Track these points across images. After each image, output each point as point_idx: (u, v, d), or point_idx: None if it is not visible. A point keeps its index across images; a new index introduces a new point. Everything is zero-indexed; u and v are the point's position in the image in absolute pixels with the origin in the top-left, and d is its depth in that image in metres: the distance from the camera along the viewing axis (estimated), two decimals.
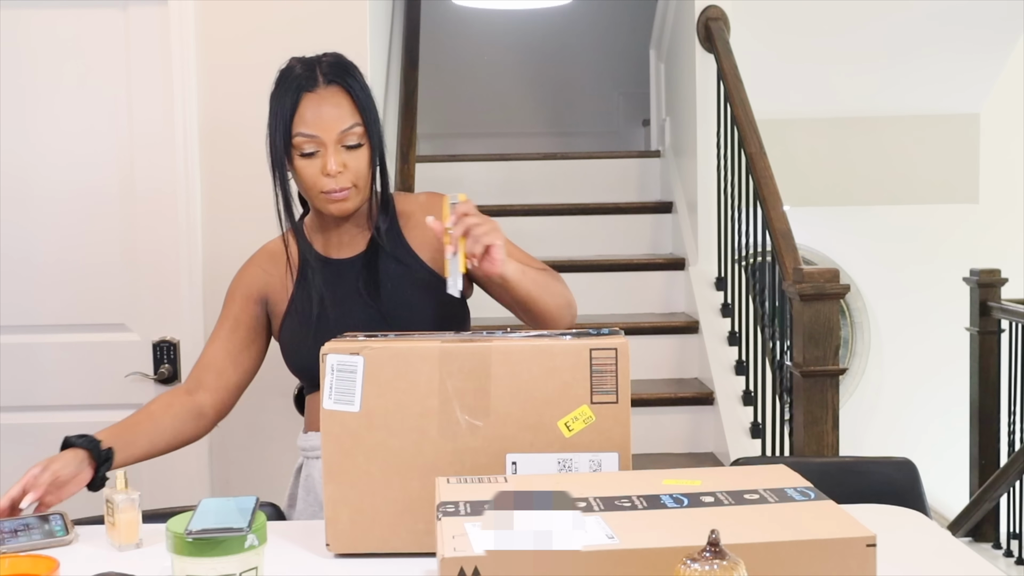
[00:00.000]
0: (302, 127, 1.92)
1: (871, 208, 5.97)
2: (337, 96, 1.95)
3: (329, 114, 1.92)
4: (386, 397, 1.60)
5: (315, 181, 1.94)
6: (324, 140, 1.92)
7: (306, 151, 1.93)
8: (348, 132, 1.93)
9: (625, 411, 1.60)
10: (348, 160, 1.93)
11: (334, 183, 1.92)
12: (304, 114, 1.92)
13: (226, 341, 2.07)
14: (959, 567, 1.56)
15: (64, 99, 3.13)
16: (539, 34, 6.79)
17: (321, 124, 1.91)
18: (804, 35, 5.14)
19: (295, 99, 1.93)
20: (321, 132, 1.91)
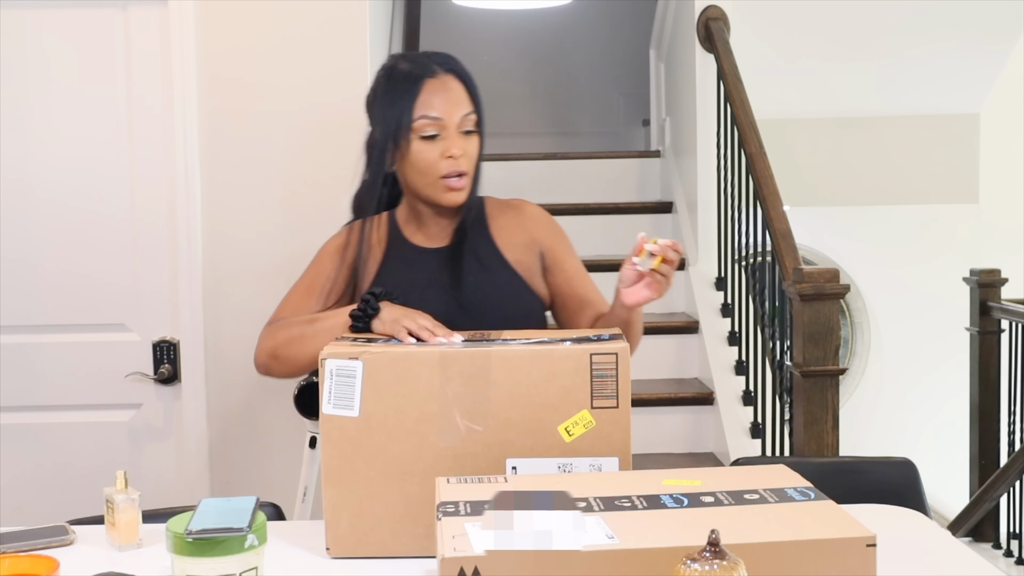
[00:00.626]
0: (426, 110, 1.95)
1: (871, 208, 5.97)
2: (454, 83, 1.99)
3: (451, 98, 1.96)
4: (385, 402, 1.60)
5: (434, 164, 1.95)
6: (447, 123, 1.95)
7: (427, 134, 1.95)
8: (466, 118, 1.98)
9: (626, 416, 1.60)
10: (466, 146, 1.97)
11: (454, 166, 1.95)
12: (427, 98, 1.95)
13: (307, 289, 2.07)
14: (959, 567, 1.56)
15: (64, 99, 3.13)
16: (539, 34, 6.79)
17: (445, 107, 1.95)
18: (804, 35, 5.14)
19: (416, 85, 1.96)
20: (444, 115, 1.95)
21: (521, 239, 2.04)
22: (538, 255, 2.05)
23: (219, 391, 3.20)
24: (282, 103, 3.20)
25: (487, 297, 1.98)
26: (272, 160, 3.21)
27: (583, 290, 2.06)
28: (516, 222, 2.06)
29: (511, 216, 2.07)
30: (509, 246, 2.03)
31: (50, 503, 3.10)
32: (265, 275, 3.20)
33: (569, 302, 2.05)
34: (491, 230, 2.04)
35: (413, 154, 1.96)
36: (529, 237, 2.05)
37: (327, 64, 3.20)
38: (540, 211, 2.11)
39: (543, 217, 2.10)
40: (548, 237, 2.07)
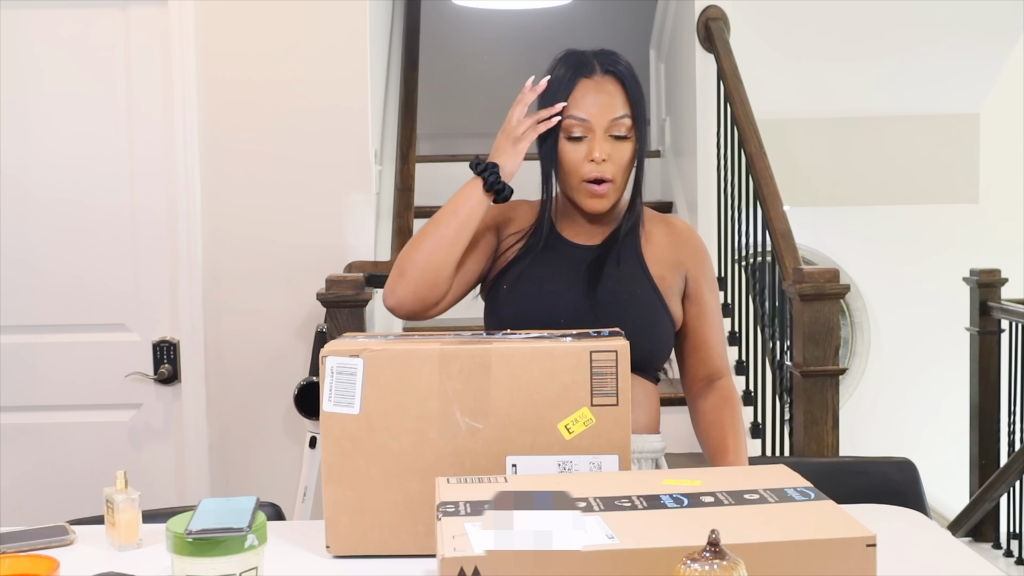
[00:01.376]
0: (574, 110, 1.93)
1: (871, 208, 5.97)
2: (612, 85, 1.96)
3: (602, 101, 1.94)
4: (386, 399, 1.60)
5: (578, 166, 1.94)
6: (593, 126, 1.93)
7: (574, 135, 1.94)
8: (617, 122, 1.94)
9: (625, 413, 1.60)
10: (613, 151, 1.93)
11: (597, 170, 1.92)
12: (578, 98, 1.94)
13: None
14: (959, 567, 1.56)
15: (64, 99, 3.13)
16: (539, 34, 6.79)
17: (593, 109, 1.93)
18: (804, 35, 5.14)
19: (571, 83, 1.95)
20: (592, 117, 1.93)
21: (670, 257, 2.00)
22: (683, 278, 2.01)
23: (219, 391, 3.20)
24: (282, 103, 3.20)
25: (620, 304, 1.93)
26: (272, 160, 3.21)
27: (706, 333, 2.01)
28: (668, 240, 2.03)
29: (664, 232, 2.04)
30: (656, 261, 2.00)
31: (50, 503, 3.10)
32: (265, 275, 3.21)
33: (690, 336, 2.01)
34: (642, 242, 2.01)
35: (560, 154, 1.95)
36: (677, 258, 2.01)
37: (327, 64, 3.20)
38: (696, 236, 2.08)
39: (698, 243, 2.06)
40: (696, 265, 2.02)
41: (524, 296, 1.94)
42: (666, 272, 1.99)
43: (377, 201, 3.56)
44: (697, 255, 2.03)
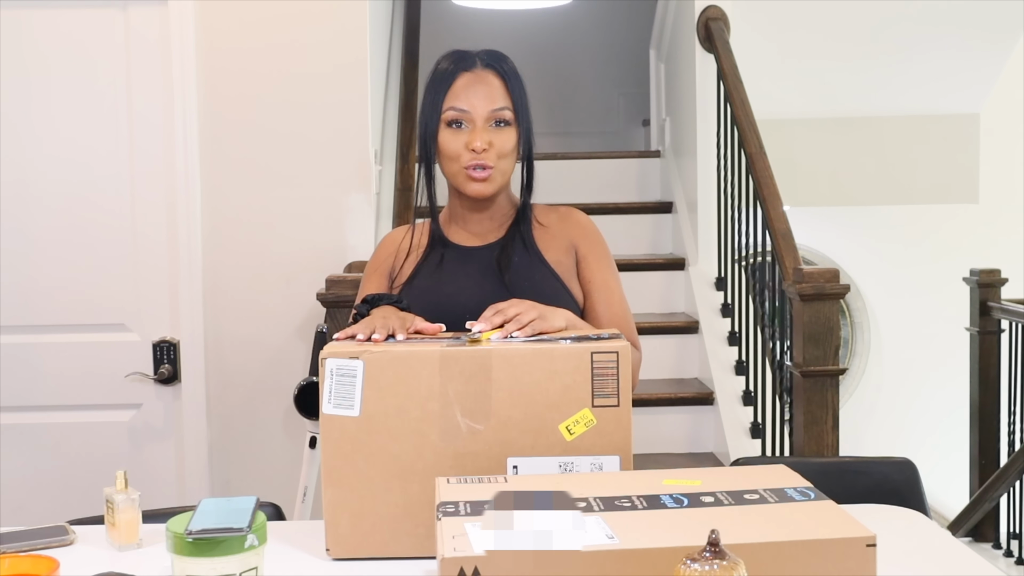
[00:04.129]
0: (454, 101, 1.97)
1: (871, 208, 5.97)
2: (491, 78, 2.00)
3: (481, 92, 1.98)
4: (386, 401, 1.59)
5: (459, 154, 1.97)
6: (473, 116, 1.97)
7: (453, 121, 1.98)
8: (497, 112, 1.98)
9: (626, 414, 1.60)
10: (494, 138, 1.97)
11: (477, 159, 1.96)
12: (457, 90, 1.98)
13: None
14: (959, 567, 1.56)
15: (64, 99, 3.13)
16: (539, 34, 6.79)
17: (472, 100, 1.97)
18: (804, 35, 5.14)
19: (451, 77, 1.99)
20: (471, 107, 1.97)
21: (562, 243, 2.05)
22: (574, 257, 2.05)
23: (219, 391, 3.20)
24: (282, 103, 3.20)
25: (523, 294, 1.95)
26: (272, 160, 3.21)
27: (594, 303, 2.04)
28: (559, 226, 2.07)
29: (555, 220, 2.08)
30: (550, 248, 2.04)
31: (50, 503, 3.10)
32: (265, 275, 3.21)
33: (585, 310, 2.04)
34: (535, 232, 2.06)
35: (440, 145, 1.99)
36: (568, 240, 2.06)
37: (327, 64, 3.20)
38: (585, 218, 2.12)
39: (586, 223, 2.11)
40: (584, 242, 2.07)
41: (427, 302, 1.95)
42: (561, 256, 2.03)
43: (377, 201, 3.56)
44: (584, 231, 2.07)
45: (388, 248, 2.09)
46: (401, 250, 2.07)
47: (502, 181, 2.01)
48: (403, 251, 2.07)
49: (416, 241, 2.08)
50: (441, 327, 1.77)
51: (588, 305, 2.03)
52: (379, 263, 2.09)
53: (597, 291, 2.03)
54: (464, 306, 1.85)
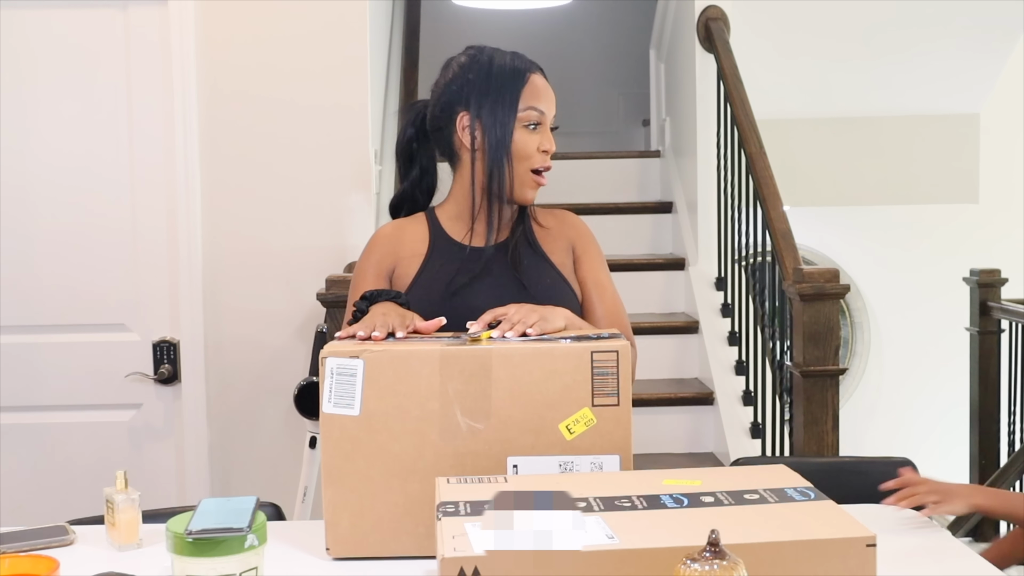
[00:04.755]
0: (532, 101, 1.99)
1: (871, 208, 5.97)
2: (548, 85, 2.05)
3: (550, 96, 2.03)
4: (386, 400, 1.59)
5: (531, 155, 1.99)
6: (546, 118, 2.01)
7: (532, 123, 1.99)
8: (555, 117, 2.05)
9: (626, 413, 1.60)
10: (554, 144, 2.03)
11: (546, 161, 2.00)
12: (533, 90, 2.00)
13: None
14: (959, 567, 1.56)
15: (64, 99, 3.13)
16: (539, 34, 6.79)
17: (547, 102, 2.01)
18: (804, 35, 5.14)
19: (524, 76, 2.00)
20: (547, 110, 2.01)
21: (562, 243, 2.08)
22: (572, 257, 2.08)
23: (219, 391, 3.20)
24: (282, 103, 3.20)
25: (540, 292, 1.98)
26: (272, 160, 3.21)
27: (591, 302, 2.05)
28: (558, 228, 2.09)
29: (553, 222, 2.10)
30: (554, 250, 2.07)
31: (50, 503, 3.10)
32: (265, 275, 3.21)
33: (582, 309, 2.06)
34: (537, 233, 2.08)
35: (515, 143, 1.98)
36: (567, 241, 2.09)
37: (327, 64, 3.20)
38: (579, 220, 2.16)
39: (581, 225, 2.14)
40: (580, 242, 2.10)
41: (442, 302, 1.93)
42: (563, 257, 2.06)
43: (377, 201, 3.56)
44: (580, 232, 2.11)
45: (384, 247, 2.04)
46: (399, 250, 2.03)
47: None
48: (402, 251, 2.03)
49: (415, 238, 2.04)
50: (441, 321, 1.76)
51: (584, 303, 2.05)
52: (375, 262, 2.03)
53: (592, 289, 2.06)
54: (483, 307, 1.83)
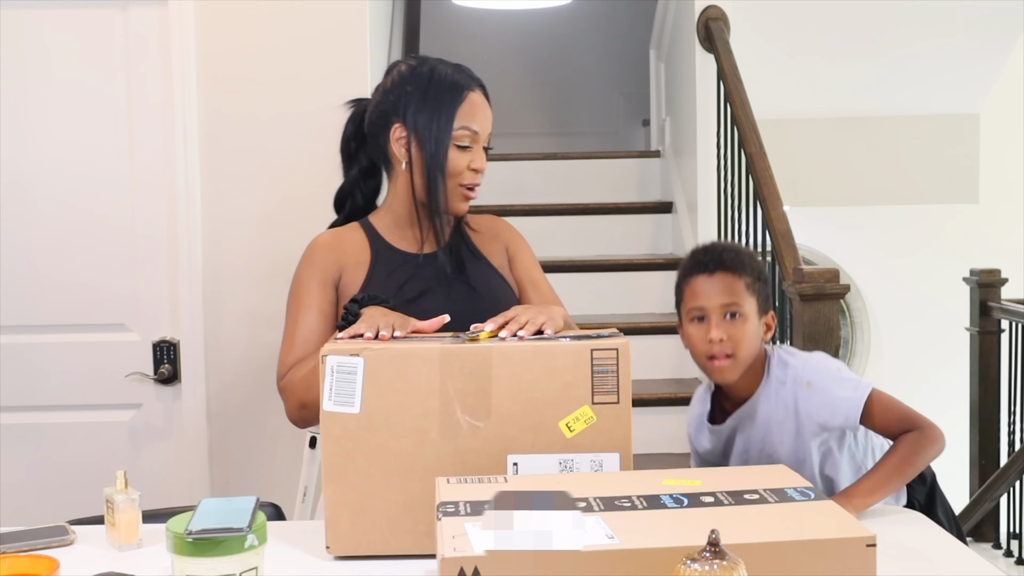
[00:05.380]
0: (467, 121, 2.01)
1: (871, 208, 5.97)
2: (486, 103, 2.06)
3: (486, 116, 2.05)
4: (387, 398, 1.60)
5: (461, 172, 2.02)
6: (479, 138, 2.03)
7: (463, 144, 2.01)
8: (489, 135, 2.06)
9: (626, 411, 1.61)
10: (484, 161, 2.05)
11: (476, 178, 2.03)
12: (469, 110, 2.02)
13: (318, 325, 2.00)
14: (959, 567, 1.56)
15: (64, 99, 3.13)
16: (539, 34, 6.79)
17: (482, 123, 2.03)
18: (804, 35, 5.14)
19: (461, 94, 2.02)
20: (480, 131, 2.03)
21: (497, 246, 2.15)
22: (506, 258, 2.15)
23: (219, 391, 3.20)
24: (282, 103, 3.20)
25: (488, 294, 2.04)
26: (272, 160, 3.21)
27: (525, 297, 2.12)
28: (491, 231, 2.17)
29: (485, 226, 2.18)
30: (491, 252, 2.14)
31: (50, 503, 3.10)
32: (265, 275, 3.21)
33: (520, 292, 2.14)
34: (473, 237, 2.14)
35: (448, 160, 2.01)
36: (501, 243, 2.16)
37: (327, 64, 3.20)
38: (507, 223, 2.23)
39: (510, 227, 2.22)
40: (512, 243, 2.17)
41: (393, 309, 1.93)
42: (501, 260, 2.13)
43: None
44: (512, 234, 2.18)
45: (326, 255, 2.04)
46: (343, 258, 2.04)
47: None
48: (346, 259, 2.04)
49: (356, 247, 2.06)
50: (444, 319, 1.79)
51: (523, 299, 2.11)
52: (319, 271, 2.03)
53: (528, 287, 2.13)
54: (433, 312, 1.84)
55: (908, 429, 1.89)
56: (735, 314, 1.92)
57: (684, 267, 2.00)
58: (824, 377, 1.93)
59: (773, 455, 1.93)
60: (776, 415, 1.92)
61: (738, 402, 1.97)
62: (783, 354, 1.98)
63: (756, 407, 1.94)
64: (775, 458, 1.92)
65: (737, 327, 1.91)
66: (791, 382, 1.93)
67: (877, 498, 1.80)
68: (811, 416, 1.90)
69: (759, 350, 1.96)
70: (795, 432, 1.92)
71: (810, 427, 1.91)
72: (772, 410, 1.93)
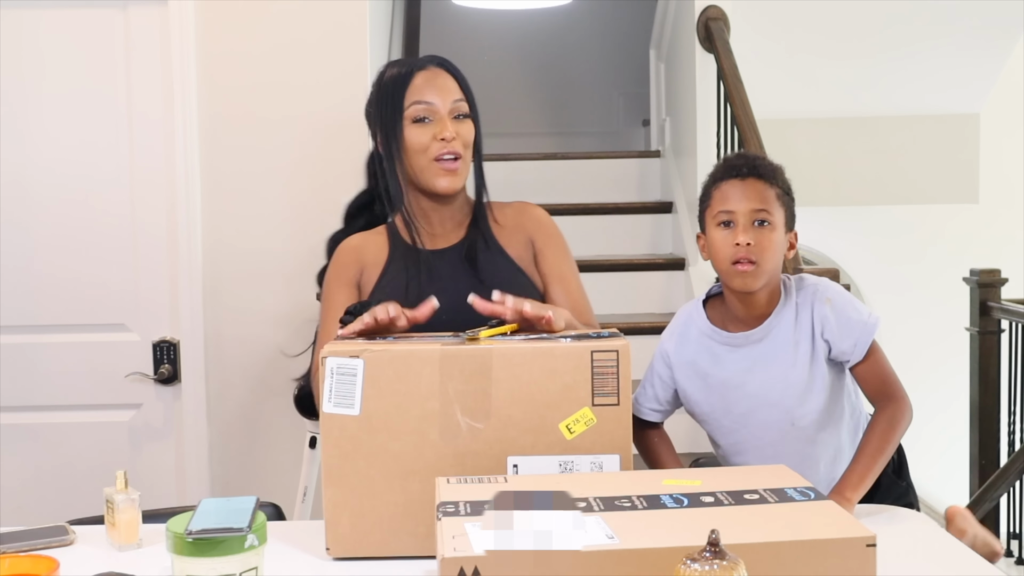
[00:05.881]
0: (416, 96, 2.00)
1: (871, 208, 5.96)
2: (443, 73, 2.04)
3: (440, 85, 2.01)
4: (386, 400, 1.60)
5: (427, 146, 1.99)
6: (438, 107, 2.00)
7: (419, 117, 1.99)
8: (457, 104, 2.02)
9: (626, 413, 1.60)
10: (459, 129, 2.00)
11: (446, 147, 1.98)
12: (418, 85, 2.01)
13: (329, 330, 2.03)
14: (959, 567, 1.56)
15: (64, 99, 3.13)
16: (539, 34, 6.79)
17: (435, 93, 2.00)
18: (804, 35, 5.14)
19: (407, 77, 2.02)
20: (435, 99, 2.00)
21: (520, 237, 2.08)
22: (531, 251, 2.08)
23: (219, 391, 3.20)
24: (282, 103, 3.20)
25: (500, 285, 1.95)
26: (272, 160, 3.21)
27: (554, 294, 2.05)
28: (515, 221, 2.10)
29: (511, 215, 2.11)
30: (510, 244, 2.07)
31: (50, 503, 3.10)
32: (265, 276, 3.21)
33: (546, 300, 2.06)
34: (494, 228, 2.08)
35: (407, 140, 2.00)
36: (525, 234, 2.09)
37: (327, 64, 3.20)
38: (540, 211, 2.14)
39: (542, 216, 2.13)
40: (539, 233, 2.09)
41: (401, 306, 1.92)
42: (521, 251, 2.06)
43: None
44: (540, 224, 2.10)
45: (348, 257, 2.07)
46: (364, 258, 2.06)
47: (466, 174, 2.04)
48: (366, 259, 2.06)
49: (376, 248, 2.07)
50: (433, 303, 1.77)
51: (548, 296, 2.05)
52: (341, 274, 2.07)
53: (556, 283, 2.06)
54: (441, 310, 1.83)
55: (884, 394, 1.87)
56: (764, 222, 1.89)
57: (715, 172, 1.99)
58: (843, 299, 1.91)
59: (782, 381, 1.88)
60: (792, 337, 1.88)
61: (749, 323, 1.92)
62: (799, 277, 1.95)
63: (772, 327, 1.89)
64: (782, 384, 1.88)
65: (764, 235, 1.88)
66: (810, 301, 1.90)
67: (867, 485, 1.79)
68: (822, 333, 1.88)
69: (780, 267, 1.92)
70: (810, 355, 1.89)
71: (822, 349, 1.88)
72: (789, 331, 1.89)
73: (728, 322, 1.95)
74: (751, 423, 1.90)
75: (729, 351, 1.92)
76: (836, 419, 1.92)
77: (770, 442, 1.90)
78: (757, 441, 1.90)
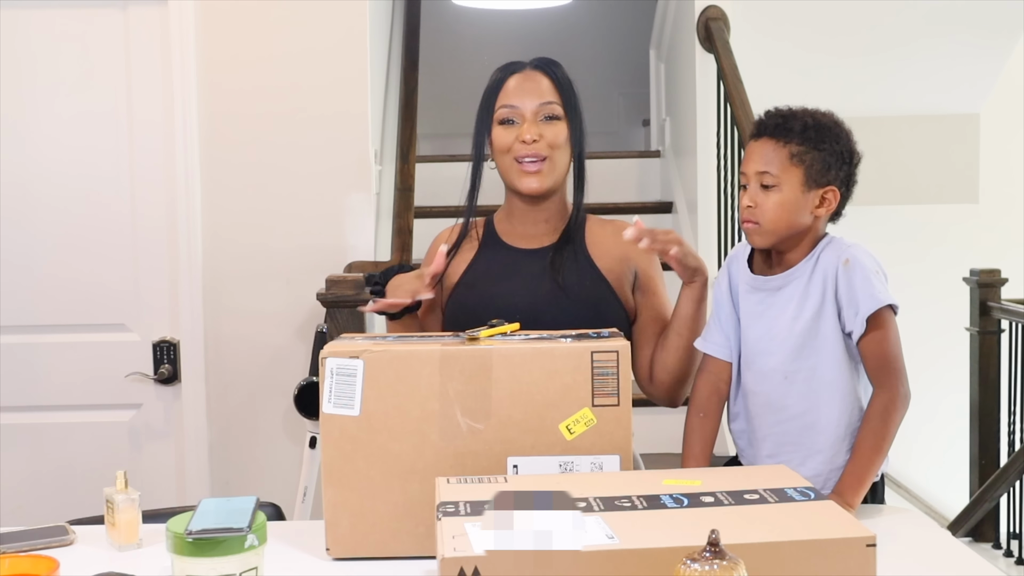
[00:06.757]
0: (504, 100, 2.04)
1: (871, 208, 5.95)
2: (540, 77, 2.07)
3: (530, 88, 2.04)
4: (386, 401, 1.60)
5: (510, 147, 2.03)
6: (523, 111, 2.03)
7: (505, 119, 2.03)
8: (546, 106, 2.04)
9: (626, 413, 1.60)
10: (544, 131, 2.03)
11: (528, 149, 2.01)
12: (510, 89, 2.05)
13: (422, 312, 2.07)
14: (959, 567, 1.56)
15: (64, 99, 3.13)
16: (539, 34, 6.79)
17: (522, 97, 2.03)
18: (804, 35, 5.14)
19: (502, 78, 2.06)
20: (520, 103, 2.03)
21: (616, 253, 2.09)
22: (632, 271, 2.09)
23: (219, 391, 3.20)
24: (282, 103, 3.20)
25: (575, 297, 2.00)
26: (272, 161, 3.21)
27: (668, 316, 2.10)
28: (613, 239, 2.10)
29: (609, 231, 2.13)
30: (601, 256, 2.08)
31: (50, 503, 3.10)
32: (265, 275, 3.21)
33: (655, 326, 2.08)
34: (587, 240, 2.10)
35: (494, 141, 2.05)
36: (624, 253, 2.09)
37: (327, 64, 3.20)
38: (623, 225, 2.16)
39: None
40: (644, 259, 2.11)
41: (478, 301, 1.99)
42: (614, 265, 2.07)
43: (377, 201, 3.56)
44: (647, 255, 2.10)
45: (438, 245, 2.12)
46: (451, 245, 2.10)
47: (555, 176, 2.06)
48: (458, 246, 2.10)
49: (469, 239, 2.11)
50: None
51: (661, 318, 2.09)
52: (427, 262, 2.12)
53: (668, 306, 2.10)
54: (516, 307, 1.89)
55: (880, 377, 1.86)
56: (766, 185, 1.90)
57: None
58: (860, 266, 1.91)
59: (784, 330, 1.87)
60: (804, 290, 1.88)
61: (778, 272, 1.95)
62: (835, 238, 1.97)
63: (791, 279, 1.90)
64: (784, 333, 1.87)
65: (768, 197, 1.90)
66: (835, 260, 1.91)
67: (867, 486, 1.79)
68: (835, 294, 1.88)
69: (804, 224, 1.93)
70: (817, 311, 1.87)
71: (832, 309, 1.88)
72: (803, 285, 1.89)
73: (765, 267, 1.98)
74: (752, 368, 1.91)
75: (749, 292, 1.96)
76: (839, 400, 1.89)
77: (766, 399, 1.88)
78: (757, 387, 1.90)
